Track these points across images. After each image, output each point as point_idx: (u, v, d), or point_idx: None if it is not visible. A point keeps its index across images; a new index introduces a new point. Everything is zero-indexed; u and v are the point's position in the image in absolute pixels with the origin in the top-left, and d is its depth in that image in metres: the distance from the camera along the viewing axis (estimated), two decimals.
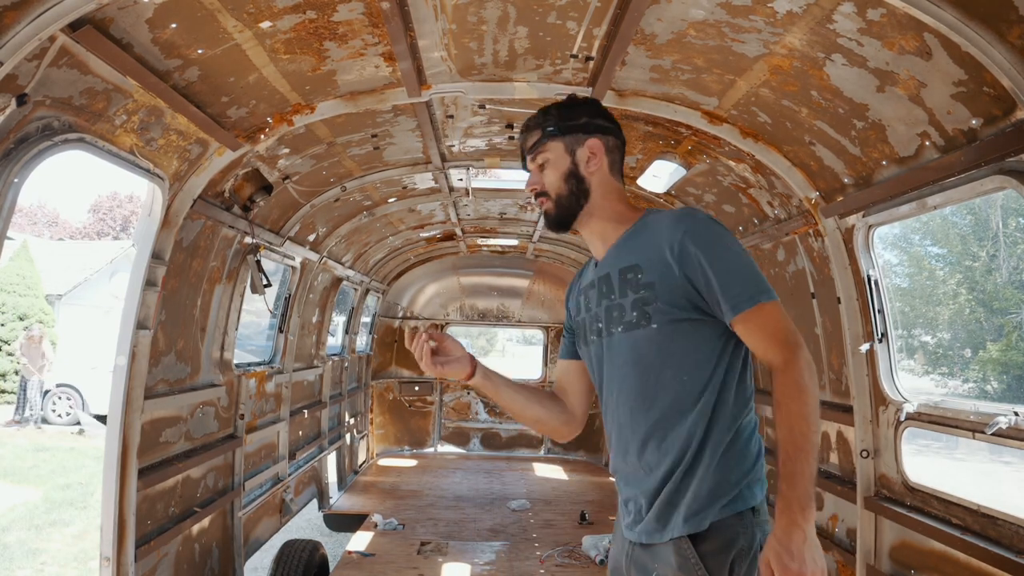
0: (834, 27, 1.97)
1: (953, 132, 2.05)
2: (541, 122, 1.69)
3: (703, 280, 1.50)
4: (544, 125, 1.68)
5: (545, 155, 1.67)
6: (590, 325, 1.69)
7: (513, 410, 1.79)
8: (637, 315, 1.55)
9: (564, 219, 1.69)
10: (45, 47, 1.73)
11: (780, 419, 1.44)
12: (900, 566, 2.61)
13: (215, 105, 2.53)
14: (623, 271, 1.60)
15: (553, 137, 1.67)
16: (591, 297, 1.69)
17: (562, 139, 1.67)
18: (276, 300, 4.71)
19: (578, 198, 1.67)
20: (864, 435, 2.79)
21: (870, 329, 2.75)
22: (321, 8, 2.13)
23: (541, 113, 1.72)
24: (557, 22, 2.30)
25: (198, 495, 3.38)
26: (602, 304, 1.64)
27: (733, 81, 2.52)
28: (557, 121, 1.68)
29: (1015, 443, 2.08)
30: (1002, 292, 17.58)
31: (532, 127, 1.70)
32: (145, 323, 2.75)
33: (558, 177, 1.67)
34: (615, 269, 1.62)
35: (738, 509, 1.49)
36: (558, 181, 1.67)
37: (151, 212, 2.70)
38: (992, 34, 1.66)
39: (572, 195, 1.66)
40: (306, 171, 3.64)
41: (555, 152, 1.67)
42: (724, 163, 3.27)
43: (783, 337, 1.48)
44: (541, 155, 1.68)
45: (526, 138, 1.72)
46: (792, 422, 1.42)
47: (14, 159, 1.83)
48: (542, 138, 1.67)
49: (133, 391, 2.72)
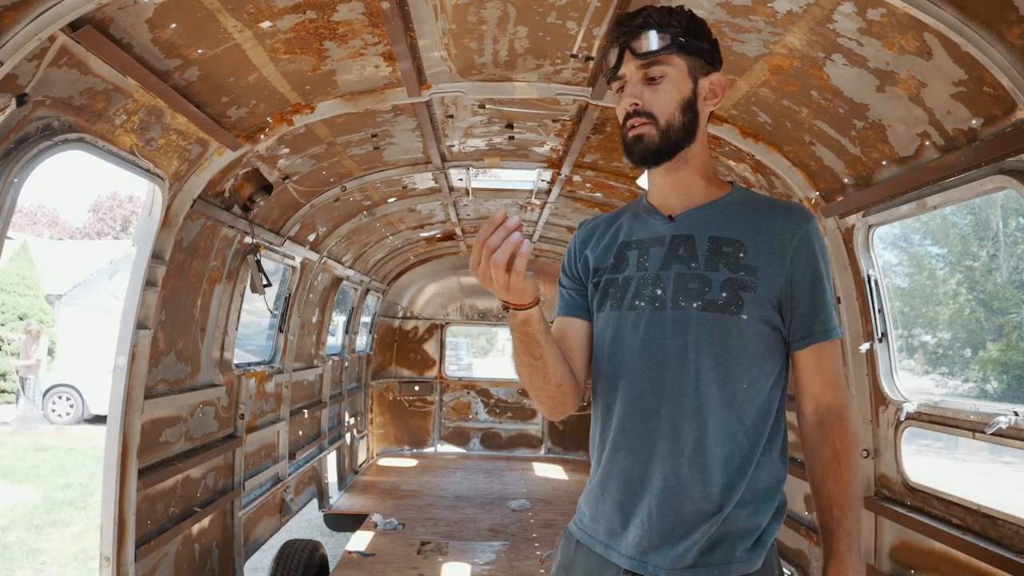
0: (834, 27, 1.97)
1: (953, 132, 2.04)
2: (667, 23, 1.33)
3: (802, 291, 1.32)
4: (672, 31, 1.33)
5: (664, 68, 1.33)
6: (640, 287, 1.36)
7: (547, 361, 1.31)
8: (728, 297, 1.30)
9: (665, 153, 1.36)
10: (45, 47, 1.73)
11: (838, 469, 1.32)
12: (900, 566, 2.61)
13: (215, 105, 2.53)
14: (717, 241, 1.34)
15: (681, 51, 1.33)
16: (652, 255, 1.37)
17: (688, 58, 1.35)
18: (276, 300, 4.71)
19: (688, 135, 1.36)
20: (864, 435, 2.79)
21: (870, 329, 2.75)
22: (321, 8, 2.13)
23: (666, 11, 1.34)
24: (557, 22, 2.30)
25: (198, 495, 3.38)
26: (672, 268, 1.34)
27: (733, 81, 2.52)
28: (686, 33, 1.34)
29: (1015, 443, 2.08)
30: (1002, 292, 17.58)
31: (652, 25, 1.33)
32: (145, 323, 2.74)
33: (675, 101, 1.34)
34: (704, 235, 1.35)
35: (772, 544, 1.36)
36: (673, 106, 1.34)
37: (151, 212, 2.70)
38: (992, 34, 1.66)
39: (684, 129, 1.35)
40: (306, 171, 3.64)
41: (678, 70, 1.34)
42: (724, 163, 3.27)
43: (842, 380, 1.37)
44: (659, 67, 1.33)
45: (637, 36, 1.34)
46: (850, 475, 1.32)
47: (14, 159, 1.83)
48: (668, 46, 1.32)
49: (133, 391, 2.72)
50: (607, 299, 1.41)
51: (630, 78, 1.36)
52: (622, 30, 1.35)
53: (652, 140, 1.34)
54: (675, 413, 1.30)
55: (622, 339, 1.37)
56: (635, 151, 1.37)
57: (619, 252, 1.43)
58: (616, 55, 1.37)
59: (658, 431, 1.31)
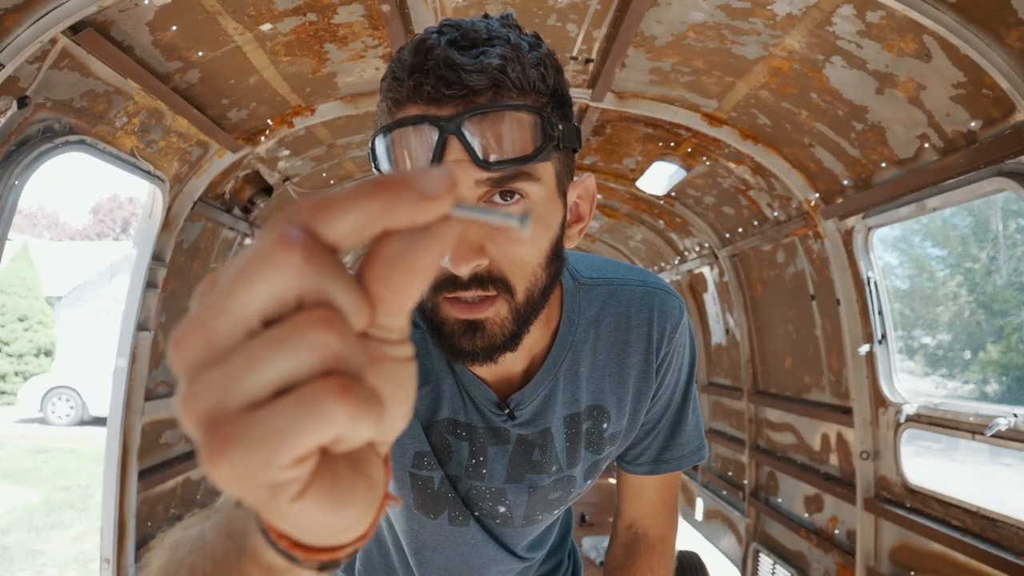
0: (833, 29, 1.97)
1: (952, 134, 2.05)
2: (530, 81, 0.64)
3: (663, 412, 0.94)
4: (542, 101, 0.66)
5: (527, 186, 0.66)
6: (473, 501, 0.88)
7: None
8: (589, 483, 0.94)
9: (516, 339, 0.71)
10: (46, 49, 1.73)
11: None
12: (900, 568, 2.61)
13: (215, 107, 2.54)
14: (572, 420, 0.86)
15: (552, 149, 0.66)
16: (486, 458, 0.86)
17: (557, 155, 0.69)
18: None
19: (545, 298, 0.73)
20: (864, 437, 2.79)
21: (870, 331, 2.75)
22: (322, 11, 2.14)
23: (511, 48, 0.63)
24: (557, 24, 2.31)
25: (199, 497, 3.38)
26: (525, 480, 0.87)
27: (733, 83, 2.52)
28: (557, 100, 0.68)
29: (1015, 445, 2.08)
30: (1002, 294, 17.58)
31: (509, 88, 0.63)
32: (146, 325, 2.75)
33: (542, 252, 0.69)
34: (557, 419, 0.86)
35: None
36: (538, 259, 0.69)
37: (151, 214, 2.70)
38: (991, 36, 1.66)
39: (545, 293, 0.72)
40: (306, 173, 3.64)
41: (546, 185, 0.68)
42: (724, 165, 3.28)
43: (673, 503, 1.06)
44: (520, 182, 0.65)
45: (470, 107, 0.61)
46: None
47: (15, 161, 1.83)
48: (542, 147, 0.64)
49: (133, 393, 2.72)
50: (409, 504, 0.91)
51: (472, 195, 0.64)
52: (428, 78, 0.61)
53: (502, 329, 0.69)
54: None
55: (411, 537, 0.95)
56: (466, 350, 0.69)
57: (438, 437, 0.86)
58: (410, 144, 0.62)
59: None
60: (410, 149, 0.62)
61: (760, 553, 3.79)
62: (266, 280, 0.24)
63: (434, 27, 0.65)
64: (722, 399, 4.61)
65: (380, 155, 0.64)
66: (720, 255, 4.09)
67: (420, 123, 0.61)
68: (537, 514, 0.92)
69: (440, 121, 0.60)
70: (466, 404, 0.84)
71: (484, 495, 0.88)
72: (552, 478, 0.89)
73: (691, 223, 4.19)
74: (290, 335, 0.24)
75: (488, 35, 0.64)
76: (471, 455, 0.86)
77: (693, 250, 4.58)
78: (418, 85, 0.61)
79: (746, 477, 4.03)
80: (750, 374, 4.04)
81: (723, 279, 4.23)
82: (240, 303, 0.24)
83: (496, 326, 0.69)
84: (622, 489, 1.05)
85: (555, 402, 0.85)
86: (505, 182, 0.64)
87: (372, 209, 0.25)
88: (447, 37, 0.63)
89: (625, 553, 1.04)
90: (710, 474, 4.70)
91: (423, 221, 0.26)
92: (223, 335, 0.24)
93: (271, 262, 0.24)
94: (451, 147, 0.61)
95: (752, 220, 3.58)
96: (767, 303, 3.79)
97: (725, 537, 4.35)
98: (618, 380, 0.88)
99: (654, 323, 0.88)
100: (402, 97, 0.63)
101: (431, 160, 0.60)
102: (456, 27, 0.64)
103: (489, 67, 0.61)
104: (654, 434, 0.96)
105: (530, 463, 0.87)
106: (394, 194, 0.25)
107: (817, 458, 3.30)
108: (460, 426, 0.85)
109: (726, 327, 4.47)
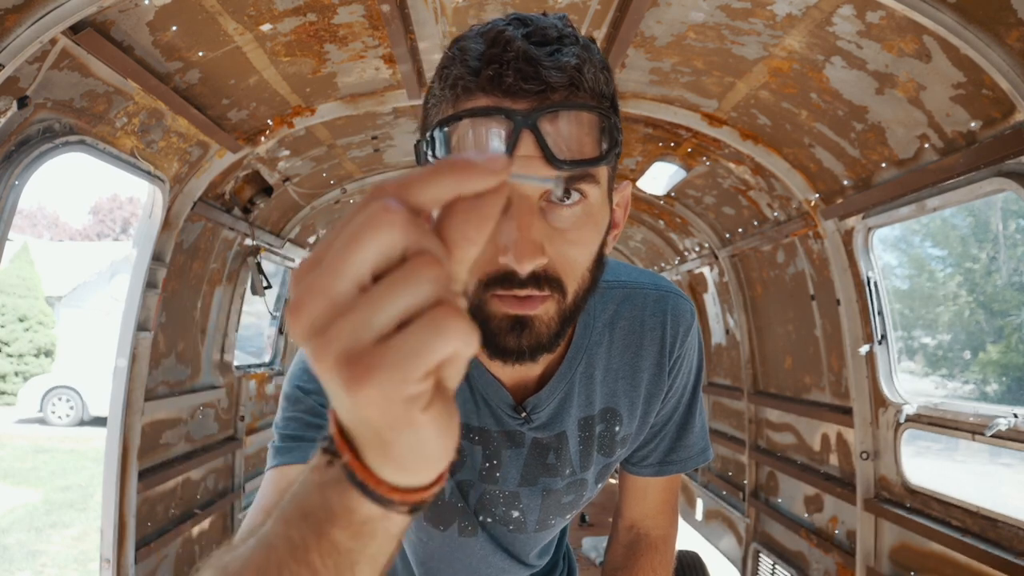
0: (833, 30, 1.97)
1: (952, 134, 2.05)
2: (599, 86, 0.65)
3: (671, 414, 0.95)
4: (604, 106, 0.65)
5: (588, 187, 0.65)
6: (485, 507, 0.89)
7: None
8: (601, 486, 0.95)
9: (559, 339, 0.70)
10: (46, 50, 1.73)
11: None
12: (900, 568, 2.61)
13: (216, 107, 2.54)
14: (586, 423, 0.87)
15: (614, 157, 0.67)
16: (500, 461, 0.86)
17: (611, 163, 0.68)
18: (276, 302, 4.72)
19: (586, 301, 0.72)
20: (864, 437, 2.79)
21: (870, 331, 2.75)
22: (322, 11, 2.14)
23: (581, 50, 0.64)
24: None
25: (198, 497, 3.38)
26: (539, 484, 0.88)
27: (733, 83, 2.52)
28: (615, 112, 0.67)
29: (1015, 445, 2.08)
30: (1002, 294, 17.58)
31: (586, 90, 0.63)
32: (145, 325, 2.75)
33: (591, 254, 0.69)
34: (572, 422, 0.86)
35: None
36: (587, 262, 0.69)
37: (151, 214, 2.70)
38: (991, 37, 1.66)
39: (587, 296, 0.71)
40: (306, 173, 3.64)
41: (601, 189, 0.68)
42: (724, 165, 3.28)
43: (674, 504, 1.06)
44: (584, 183, 0.65)
45: (546, 103, 0.61)
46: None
47: (15, 161, 1.83)
48: (609, 150, 0.64)
49: (133, 393, 2.72)
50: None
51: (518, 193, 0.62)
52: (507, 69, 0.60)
53: (549, 328, 0.68)
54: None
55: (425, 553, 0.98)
56: (511, 347, 0.68)
57: None
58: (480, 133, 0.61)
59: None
60: (480, 139, 0.61)
61: (760, 553, 3.79)
62: (378, 239, 0.29)
63: (502, 19, 0.65)
64: (722, 399, 4.61)
65: (442, 142, 0.63)
66: (720, 255, 4.09)
67: (496, 114, 0.60)
68: (550, 518, 0.92)
69: (517, 114, 0.59)
70: (479, 408, 0.84)
71: (498, 499, 0.88)
72: (566, 481, 0.89)
73: (691, 223, 4.19)
74: (410, 274, 0.29)
75: (559, 33, 0.63)
76: (485, 459, 0.86)
77: (693, 250, 4.58)
78: (497, 76, 0.60)
79: (746, 477, 4.03)
80: (750, 374, 4.04)
81: (723, 279, 4.23)
82: (356, 262, 0.29)
83: (544, 324, 0.68)
84: (625, 490, 1.05)
85: (571, 405, 0.85)
86: (571, 181, 0.64)
87: (447, 183, 0.31)
88: (523, 31, 0.62)
89: (627, 553, 1.04)
90: (710, 474, 4.70)
91: (485, 188, 0.31)
92: (343, 293, 0.30)
93: (380, 225, 0.29)
94: (524, 141, 0.60)
95: (752, 220, 3.58)
96: (767, 303, 3.79)
97: (725, 537, 4.35)
98: (631, 383, 0.88)
99: (667, 327, 0.88)
100: (474, 86, 0.61)
101: (504, 153, 0.52)
102: (527, 22, 0.64)
103: (568, 66, 0.61)
104: (661, 436, 0.96)
105: (544, 466, 0.87)
106: (464, 173, 0.31)
107: (817, 458, 3.30)
108: (473, 431, 0.85)
109: (726, 327, 4.47)
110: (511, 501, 0.89)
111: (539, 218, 0.63)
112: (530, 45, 0.61)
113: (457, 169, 0.31)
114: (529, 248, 0.61)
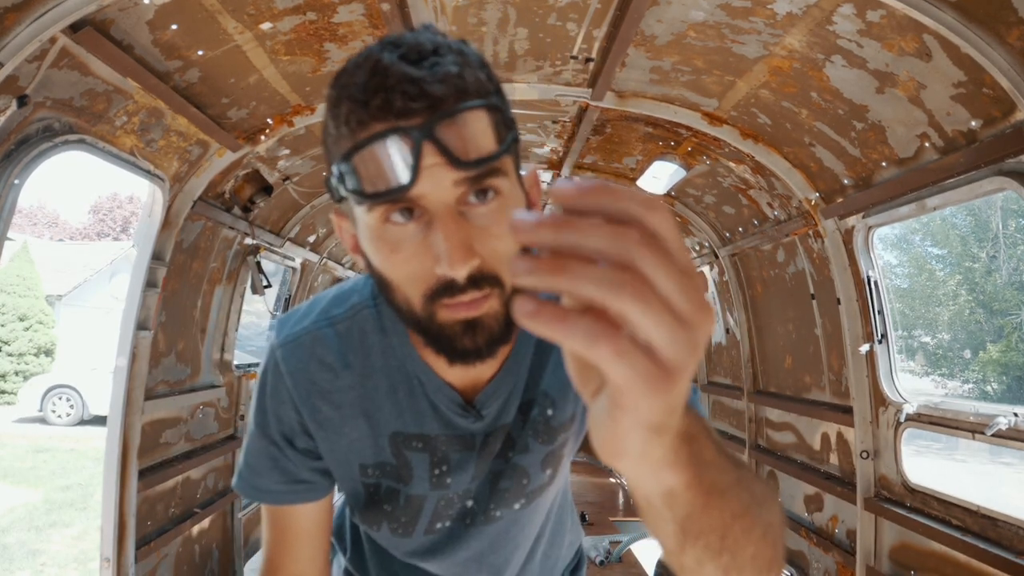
0: (834, 28, 1.97)
1: (953, 133, 2.05)
2: (481, 81, 0.67)
3: None
4: (492, 99, 0.67)
5: (498, 181, 0.67)
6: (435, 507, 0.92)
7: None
8: (550, 473, 0.94)
9: (511, 330, 0.71)
10: (46, 48, 1.73)
11: None
12: (900, 567, 2.61)
13: (215, 106, 2.53)
14: (523, 407, 0.90)
15: (513, 145, 0.69)
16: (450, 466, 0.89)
17: (512, 155, 0.71)
18: (276, 301, 4.72)
19: None
20: (864, 436, 2.79)
21: (870, 330, 2.75)
22: (322, 10, 2.14)
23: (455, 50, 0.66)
24: (557, 24, 2.30)
25: (198, 496, 3.38)
26: (487, 476, 0.92)
27: (733, 82, 2.52)
28: (503, 101, 0.70)
29: (1015, 444, 2.08)
30: (1002, 293, 17.59)
31: (467, 88, 0.64)
32: (145, 324, 2.75)
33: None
34: (514, 410, 0.89)
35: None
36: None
37: (151, 213, 2.70)
38: (991, 36, 1.66)
39: None
40: (306, 172, 3.64)
41: (510, 178, 0.70)
42: (724, 164, 3.28)
43: None
44: (493, 178, 0.67)
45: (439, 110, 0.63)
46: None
47: (15, 160, 1.83)
48: (504, 143, 0.67)
49: (133, 392, 2.72)
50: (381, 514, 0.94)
51: (434, 202, 0.65)
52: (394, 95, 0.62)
53: (498, 321, 0.70)
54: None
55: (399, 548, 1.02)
56: (468, 348, 0.70)
57: (374, 443, 0.88)
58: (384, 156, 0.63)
59: None
60: (386, 160, 0.63)
61: None
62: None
63: (376, 45, 0.66)
64: (722, 399, 4.61)
65: (349, 173, 0.65)
66: (720, 254, 4.09)
67: (393, 134, 0.62)
68: (493, 509, 0.94)
69: (413, 130, 0.62)
70: (424, 414, 0.87)
71: (452, 501, 0.93)
72: (506, 465, 0.91)
73: (691, 222, 4.19)
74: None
75: (433, 45, 0.66)
76: (433, 465, 0.89)
77: (693, 249, 4.58)
78: (385, 103, 0.63)
79: None
80: (750, 373, 4.04)
81: (723, 278, 4.23)
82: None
83: (492, 319, 0.70)
84: None
85: (516, 395, 0.89)
86: (480, 180, 0.66)
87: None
88: (396, 54, 0.64)
89: None
90: None
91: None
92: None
93: None
94: (426, 152, 0.63)
95: (752, 219, 3.58)
96: (767, 302, 3.79)
97: None
98: (559, 363, 0.88)
99: None
100: (367, 117, 0.64)
101: (410, 168, 0.62)
102: (398, 43, 0.66)
103: (449, 75, 0.64)
104: None
105: (491, 458, 0.91)
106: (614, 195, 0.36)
107: (817, 457, 3.30)
108: (414, 438, 0.88)
109: (726, 326, 4.47)
110: (464, 497, 0.93)
111: (462, 222, 0.66)
112: (408, 66, 0.63)
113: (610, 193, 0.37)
114: (460, 252, 0.64)
